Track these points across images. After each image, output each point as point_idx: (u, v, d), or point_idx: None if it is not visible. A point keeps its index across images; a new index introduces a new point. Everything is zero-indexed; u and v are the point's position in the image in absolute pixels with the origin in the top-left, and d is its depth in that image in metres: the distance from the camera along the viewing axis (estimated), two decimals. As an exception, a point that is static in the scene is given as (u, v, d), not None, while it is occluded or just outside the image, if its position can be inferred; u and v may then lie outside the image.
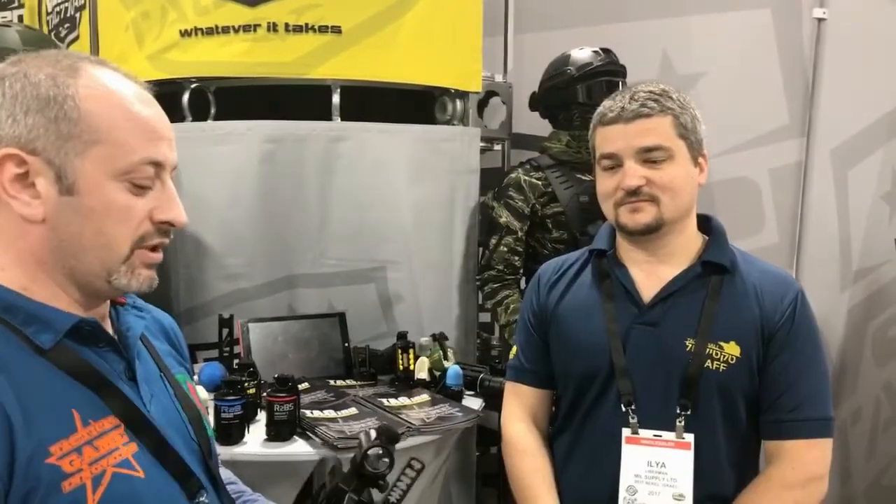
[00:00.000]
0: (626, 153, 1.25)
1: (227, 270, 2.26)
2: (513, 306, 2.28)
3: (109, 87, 0.78)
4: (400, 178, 2.30)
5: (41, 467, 0.69)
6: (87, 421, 0.74)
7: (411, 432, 1.60)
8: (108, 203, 0.76)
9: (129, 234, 0.78)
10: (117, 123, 0.77)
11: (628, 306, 1.31)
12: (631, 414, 1.28)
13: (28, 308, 0.76)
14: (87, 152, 0.75)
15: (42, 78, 0.75)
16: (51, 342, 0.75)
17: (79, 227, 0.76)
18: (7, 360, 0.72)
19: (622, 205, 1.27)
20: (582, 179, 2.30)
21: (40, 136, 0.74)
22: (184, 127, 2.25)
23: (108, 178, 0.76)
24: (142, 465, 0.78)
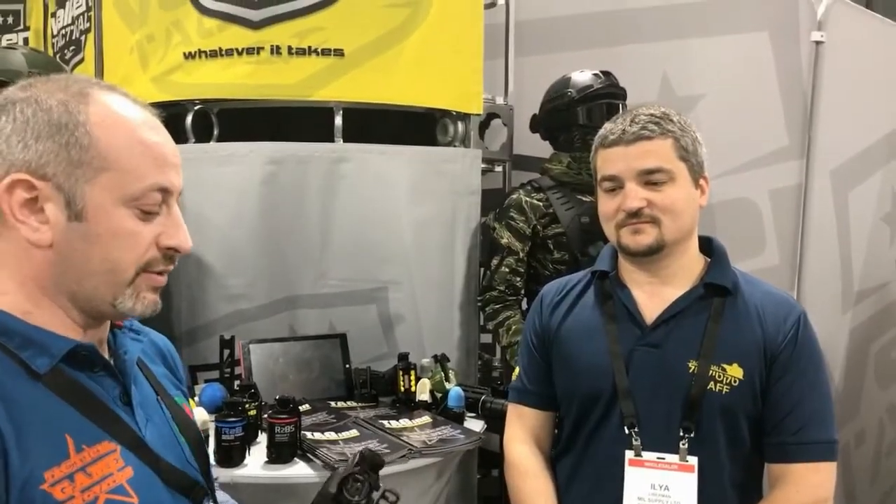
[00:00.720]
0: (627, 175, 1.26)
1: (228, 291, 2.26)
2: (514, 327, 2.27)
3: (120, 114, 0.78)
4: (401, 200, 2.31)
5: (34, 493, 0.69)
6: (81, 446, 0.74)
7: (413, 454, 1.59)
8: (115, 229, 0.77)
9: (134, 260, 0.78)
10: (127, 150, 0.77)
11: (631, 328, 1.31)
12: (634, 436, 1.28)
13: (25, 332, 0.75)
14: (97, 179, 0.75)
15: (53, 104, 0.76)
16: (46, 366, 0.75)
17: (85, 252, 0.76)
18: (3, 383, 0.72)
19: (623, 226, 1.28)
20: (583, 200, 2.31)
21: (51, 161, 0.74)
22: (187, 148, 2.26)
23: (117, 205, 0.77)
24: (136, 490, 0.77)
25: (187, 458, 0.90)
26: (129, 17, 2.39)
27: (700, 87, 2.68)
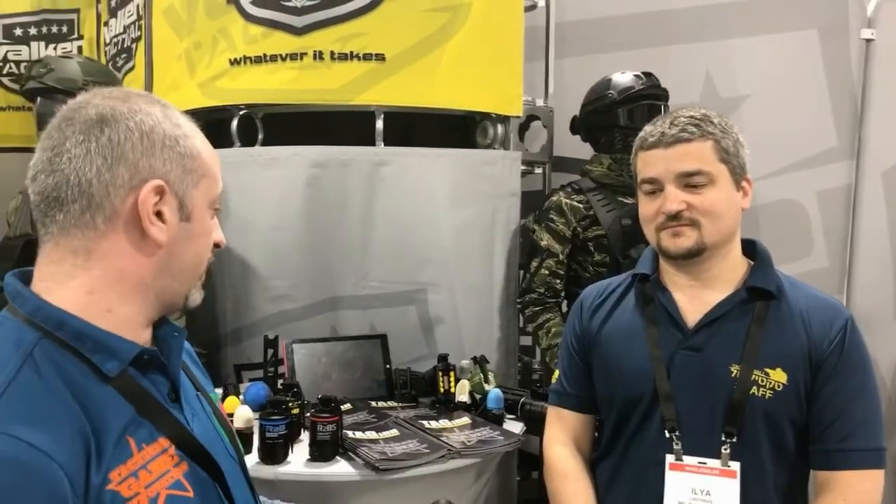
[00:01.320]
0: (667, 178, 1.26)
1: (272, 292, 2.31)
2: (554, 330, 2.27)
3: (196, 128, 0.88)
4: (441, 202, 2.33)
5: (104, 493, 0.71)
6: (141, 445, 0.77)
7: (452, 455, 1.60)
8: (205, 228, 0.87)
9: (207, 255, 0.89)
10: (211, 159, 0.88)
11: (672, 331, 1.30)
12: (675, 440, 1.27)
13: (96, 336, 0.78)
14: (199, 184, 0.85)
15: (160, 117, 0.83)
16: (116, 370, 0.78)
17: (186, 250, 0.85)
18: (79, 385, 0.75)
19: (663, 229, 1.27)
20: (624, 202, 2.29)
21: (172, 169, 0.82)
22: (232, 152, 2.32)
23: (206, 207, 0.87)
24: (192, 484, 0.80)
25: (228, 451, 0.94)
26: (177, 25, 2.46)
27: (745, 87, 2.64)
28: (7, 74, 3.39)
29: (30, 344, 0.75)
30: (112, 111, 0.80)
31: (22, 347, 0.74)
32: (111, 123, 0.79)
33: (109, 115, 0.80)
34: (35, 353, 0.74)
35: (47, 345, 0.75)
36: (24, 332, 0.76)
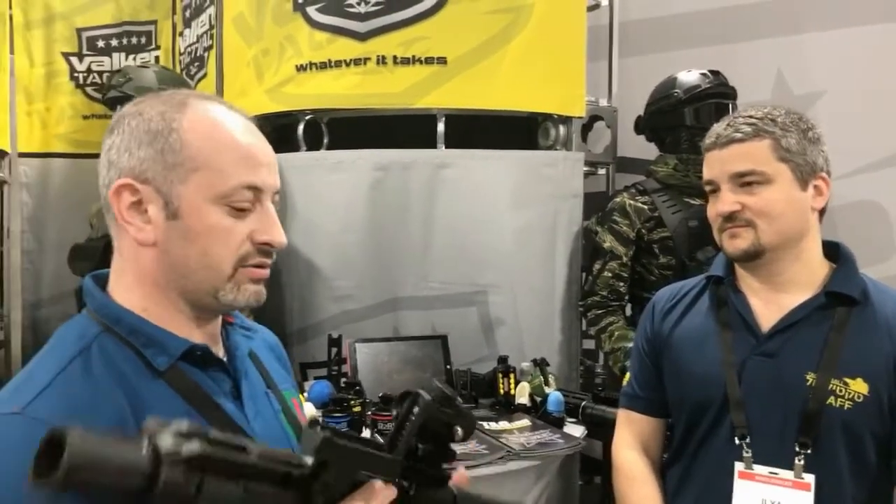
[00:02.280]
0: (721, 179, 1.23)
1: (336, 292, 2.35)
2: (617, 333, 2.23)
3: (211, 118, 0.83)
4: (502, 204, 2.33)
5: None
6: None
7: (511, 456, 1.59)
8: (208, 226, 0.81)
9: (230, 255, 0.81)
10: (216, 151, 0.81)
11: (745, 336, 1.26)
12: (745, 448, 1.23)
13: (148, 332, 0.81)
14: (189, 179, 0.80)
15: (153, 115, 0.82)
16: (165, 364, 0.80)
17: (184, 248, 0.81)
18: (130, 378, 0.78)
19: (722, 231, 1.25)
20: (690, 203, 2.23)
21: (150, 167, 0.80)
22: (298, 156, 2.38)
23: (208, 203, 0.80)
24: None
25: (294, 450, 0.94)
26: (246, 33, 2.54)
27: (820, 83, 2.53)
28: (90, 84, 3.57)
29: (90, 337, 0.79)
30: (122, 115, 0.83)
31: (83, 340, 0.79)
32: (115, 127, 0.83)
33: (117, 118, 0.83)
34: (93, 346, 0.78)
35: (106, 339, 0.79)
36: (90, 327, 0.80)
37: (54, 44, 3.54)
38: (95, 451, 0.53)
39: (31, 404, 0.71)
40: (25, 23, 3.49)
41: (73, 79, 3.57)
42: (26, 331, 3.27)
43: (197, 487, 0.56)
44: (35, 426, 0.68)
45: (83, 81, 3.58)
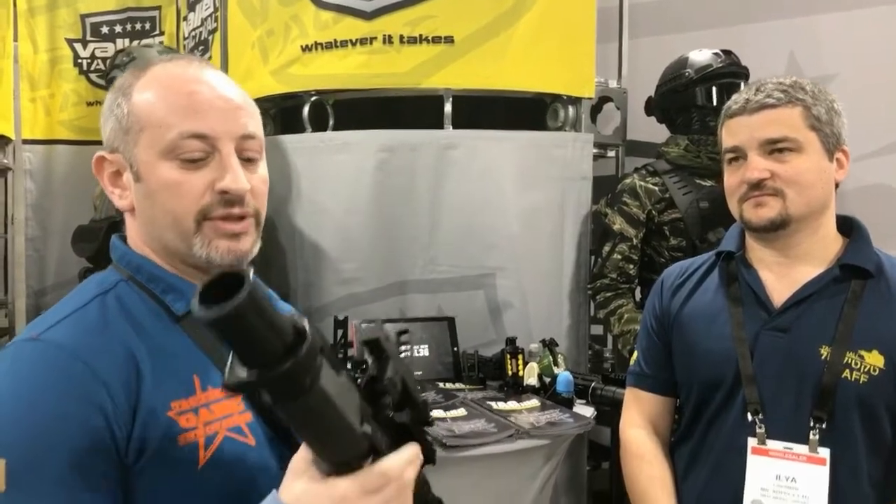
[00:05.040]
0: (750, 145, 1.20)
1: (342, 275, 2.33)
2: (627, 316, 2.20)
3: (157, 77, 0.83)
4: (510, 186, 2.30)
5: (161, 419, 0.74)
6: (206, 386, 0.79)
7: (520, 435, 1.57)
8: (162, 182, 0.80)
9: (188, 208, 0.80)
10: (155, 107, 0.81)
11: (757, 311, 1.24)
12: (758, 423, 1.20)
13: (168, 279, 0.83)
14: (139, 140, 0.81)
15: (118, 86, 0.85)
16: (184, 309, 0.82)
17: (150, 209, 0.82)
18: (145, 322, 0.80)
19: (746, 200, 1.22)
20: (701, 185, 2.21)
21: (115, 136, 0.83)
22: (304, 138, 2.36)
23: (159, 159, 0.80)
24: (254, 434, 0.81)
25: None
26: (251, 14, 2.51)
27: (831, 66, 2.50)
28: (94, 71, 3.56)
29: (109, 284, 0.82)
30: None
31: (103, 286, 0.82)
32: None
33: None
34: (110, 292, 0.81)
35: (126, 286, 0.82)
36: (111, 275, 0.84)
37: (58, 30, 3.53)
38: (265, 300, 0.54)
39: (47, 331, 0.75)
40: (29, 9, 3.48)
41: (76, 65, 3.56)
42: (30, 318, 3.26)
43: (319, 365, 0.58)
44: (49, 349, 0.73)
45: (87, 68, 3.56)
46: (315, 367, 0.57)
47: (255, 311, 0.53)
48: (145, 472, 0.72)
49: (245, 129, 0.83)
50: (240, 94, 0.86)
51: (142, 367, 0.75)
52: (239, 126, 0.83)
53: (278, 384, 0.56)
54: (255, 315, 0.53)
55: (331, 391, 0.59)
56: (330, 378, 0.59)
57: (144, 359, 0.76)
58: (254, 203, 0.83)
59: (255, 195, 0.84)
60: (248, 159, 0.84)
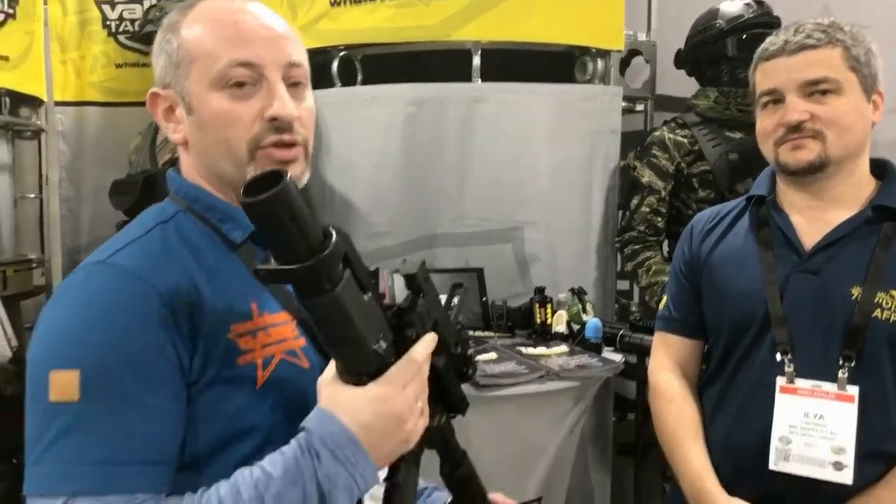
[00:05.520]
0: (789, 87, 1.19)
1: (372, 229, 2.36)
2: (655, 268, 2.21)
3: (204, 11, 0.85)
4: (539, 139, 2.30)
5: (221, 341, 0.77)
6: (263, 312, 0.82)
7: (550, 376, 1.60)
8: (213, 113, 0.82)
9: (241, 137, 0.82)
10: (203, 39, 0.83)
11: (787, 254, 1.24)
12: (787, 363, 1.22)
13: (224, 208, 0.86)
14: (190, 73, 0.83)
15: (166, 24, 0.87)
16: (241, 237, 0.85)
17: (204, 140, 0.84)
18: (204, 250, 0.82)
19: (783, 143, 1.21)
20: (731, 137, 2.20)
21: (167, 72, 0.85)
22: (333, 93, 2.38)
23: (209, 90, 0.82)
24: (308, 357, 0.85)
25: None
26: (280, -31, 2.52)
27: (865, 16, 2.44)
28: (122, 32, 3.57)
29: (168, 214, 0.85)
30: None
31: (162, 216, 0.85)
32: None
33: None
34: (170, 221, 0.84)
35: (184, 217, 0.85)
36: (169, 207, 0.87)
37: (87, -9, 3.54)
38: (299, 200, 0.61)
39: (114, 256, 0.77)
40: (58, -29, 3.49)
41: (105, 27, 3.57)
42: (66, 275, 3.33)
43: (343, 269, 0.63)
44: (117, 271, 0.76)
45: (115, 30, 3.57)
46: (335, 273, 0.62)
47: (288, 205, 0.59)
48: (207, 391, 0.76)
49: (290, 57, 0.85)
50: (283, 23, 0.87)
51: (202, 292, 0.78)
52: (284, 54, 0.84)
53: (299, 278, 0.61)
54: (288, 208, 0.59)
55: (348, 302, 0.63)
56: (351, 291, 0.63)
57: (204, 284, 0.78)
58: (302, 131, 0.86)
59: (304, 124, 0.86)
60: (294, 85, 0.86)
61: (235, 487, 0.69)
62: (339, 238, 0.62)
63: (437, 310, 0.76)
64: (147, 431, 0.71)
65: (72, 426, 0.69)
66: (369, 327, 0.66)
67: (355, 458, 0.70)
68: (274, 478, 0.69)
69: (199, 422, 0.76)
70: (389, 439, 0.71)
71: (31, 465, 0.70)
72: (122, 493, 0.69)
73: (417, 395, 0.72)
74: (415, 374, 0.71)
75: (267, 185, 0.59)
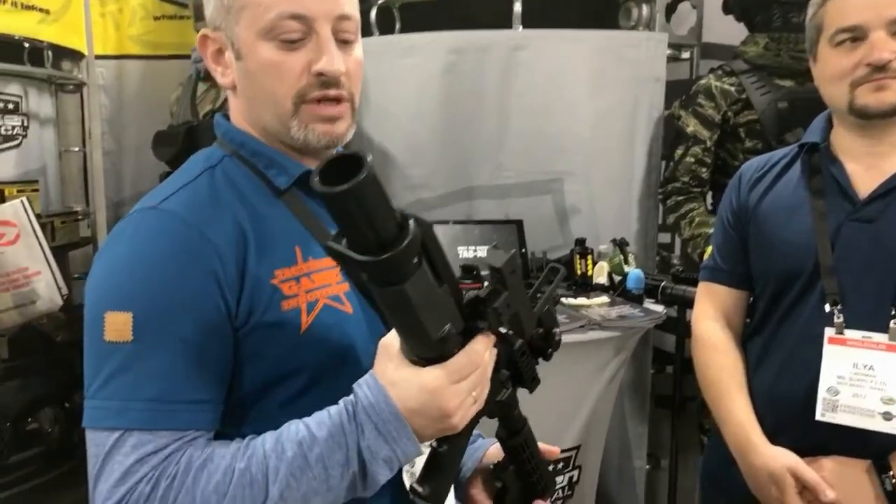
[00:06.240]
0: (875, 23, 1.13)
1: (410, 181, 2.36)
2: (698, 219, 2.17)
3: None
4: (581, 88, 2.26)
5: (266, 286, 0.78)
6: (307, 258, 0.83)
7: (591, 326, 1.60)
8: (261, 62, 0.81)
9: (287, 90, 0.81)
10: None
11: (840, 202, 1.20)
12: (836, 314, 1.19)
13: (270, 154, 0.86)
14: (240, 19, 0.82)
15: None
16: (285, 184, 0.85)
17: (250, 87, 0.84)
18: (249, 196, 0.83)
19: (863, 83, 1.15)
20: (780, 85, 2.12)
21: (217, 15, 0.84)
22: (371, 41, 2.35)
23: (258, 38, 0.81)
24: (351, 303, 0.85)
25: None
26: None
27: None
28: (160, -17, 3.56)
29: (216, 159, 0.86)
30: None
31: (209, 161, 0.85)
32: None
33: None
34: (217, 166, 0.85)
35: (230, 162, 0.86)
36: (216, 152, 0.87)
37: (123, -57, 3.53)
38: (375, 193, 0.57)
39: (164, 201, 0.78)
40: (94, -78, 3.47)
41: (141, -21, 3.57)
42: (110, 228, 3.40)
43: (417, 262, 0.60)
44: (167, 216, 0.77)
45: (152, -19, 3.58)
46: (406, 269, 0.59)
47: (361, 200, 0.56)
48: (252, 335, 0.77)
49: (342, 10, 0.83)
50: None
51: (248, 236, 0.79)
52: (335, 6, 0.82)
53: (366, 270, 0.59)
54: (360, 203, 0.56)
55: (415, 297, 0.60)
56: (422, 285, 0.61)
57: (249, 229, 0.79)
58: (349, 86, 0.84)
59: (351, 78, 0.85)
60: (344, 41, 0.84)
61: (280, 443, 0.71)
62: (415, 232, 0.58)
63: (521, 302, 0.73)
64: (195, 372, 0.73)
65: (125, 365, 0.72)
66: (436, 318, 0.64)
67: (398, 434, 0.70)
68: (318, 439, 0.70)
69: (245, 364, 0.78)
70: (433, 427, 0.71)
71: (89, 400, 0.73)
72: (172, 429, 0.72)
73: (472, 389, 0.71)
74: (472, 369, 0.70)
75: (346, 168, 0.56)
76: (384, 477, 0.71)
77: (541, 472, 0.90)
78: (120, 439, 0.71)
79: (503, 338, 0.75)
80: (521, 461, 0.88)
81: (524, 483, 0.90)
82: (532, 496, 0.91)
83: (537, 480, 0.90)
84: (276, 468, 0.69)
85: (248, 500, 0.69)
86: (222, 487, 0.69)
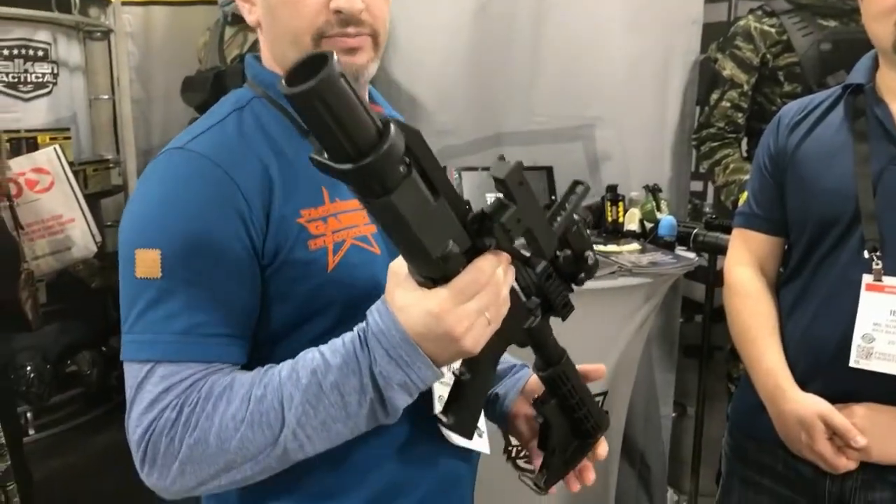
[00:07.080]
0: None
1: (438, 127, 2.33)
2: (733, 166, 2.13)
3: None
4: (614, 30, 2.20)
5: (292, 225, 0.79)
6: (335, 199, 0.83)
7: (622, 272, 1.58)
8: None
9: (306, 26, 0.81)
10: None
11: (885, 146, 1.16)
12: (875, 260, 1.16)
13: None
14: None
15: None
16: None
17: (272, 24, 0.84)
18: (277, 137, 0.83)
19: None
20: (824, 25, 2.04)
21: None
22: (399, -17, 2.30)
23: None
24: (379, 244, 0.85)
25: None
26: None
27: None
28: (186, -72, 3.51)
29: (244, 100, 0.86)
30: None
31: (238, 103, 0.86)
32: None
33: None
34: (246, 107, 0.85)
35: (259, 103, 0.86)
36: (246, 93, 0.88)
37: None
38: (346, 91, 0.53)
39: (192, 142, 0.79)
40: None
41: (165, -78, 3.52)
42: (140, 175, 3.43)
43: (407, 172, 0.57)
44: (194, 157, 0.78)
45: (176, -76, 3.52)
46: (390, 177, 0.56)
47: (327, 100, 0.52)
48: (279, 273, 0.78)
49: None
50: None
51: (274, 176, 0.79)
52: None
53: (345, 178, 0.56)
54: (326, 104, 0.52)
55: (405, 208, 0.57)
56: (413, 195, 0.57)
57: (276, 169, 0.79)
58: (372, 22, 0.83)
59: (374, 14, 0.84)
60: None
61: (296, 371, 0.72)
62: (396, 137, 0.55)
63: (534, 217, 0.67)
64: (221, 307, 0.75)
65: (156, 300, 0.74)
66: (435, 234, 0.60)
67: (410, 359, 0.68)
68: (332, 367, 0.70)
69: (272, 302, 0.79)
70: (446, 350, 0.69)
71: (125, 335, 0.76)
72: (201, 361, 0.74)
73: (482, 309, 0.67)
74: (478, 288, 0.66)
75: (314, 70, 0.52)
76: (403, 402, 0.71)
77: (587, 408, 0.87)
78: (151, 370, 0.73)
79: (521, 258, 0.73)
80: (563, 395, 0.85)
81: (569, 419, 0.87)
82: (579, 434, 0.89)
83: (585, 417, 0.87)
84: (290, 395, 0.70)
85: (265, 426, 0.70)
86: (240, 414, 0.71)
